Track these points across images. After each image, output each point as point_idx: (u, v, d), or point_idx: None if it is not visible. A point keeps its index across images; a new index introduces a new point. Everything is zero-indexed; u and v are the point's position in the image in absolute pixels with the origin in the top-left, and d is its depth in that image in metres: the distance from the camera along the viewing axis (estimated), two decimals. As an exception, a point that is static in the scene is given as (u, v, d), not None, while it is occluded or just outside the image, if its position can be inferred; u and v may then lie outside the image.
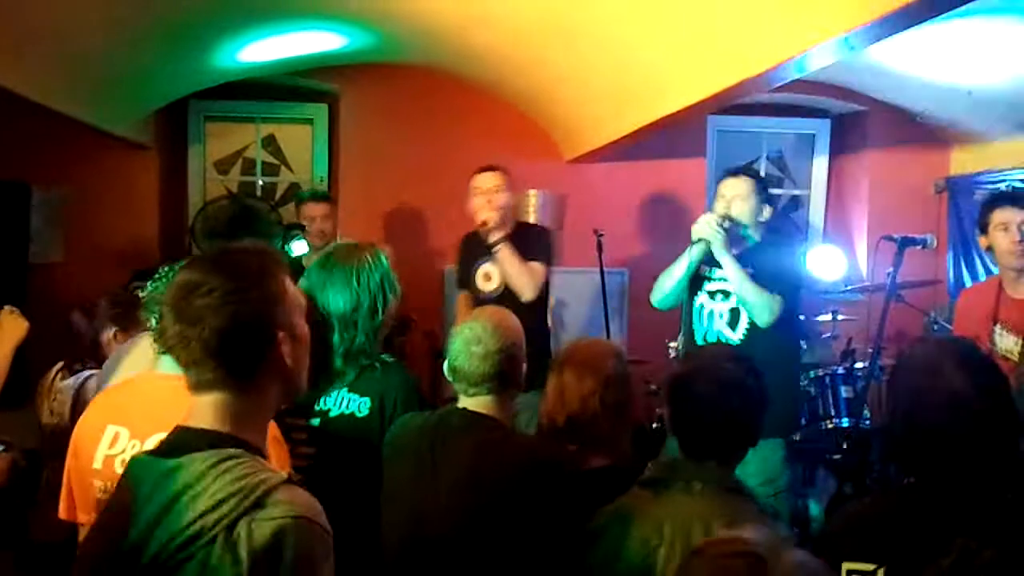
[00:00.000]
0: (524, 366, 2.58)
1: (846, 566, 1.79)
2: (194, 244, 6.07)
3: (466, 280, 4.79)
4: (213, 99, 6.35)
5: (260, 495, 1.43)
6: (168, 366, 2.18)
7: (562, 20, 4.50)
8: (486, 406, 2.48)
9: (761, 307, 3.73)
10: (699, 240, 3.87)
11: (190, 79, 5.80)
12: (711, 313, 3.97)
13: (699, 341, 3.98)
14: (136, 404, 2.20)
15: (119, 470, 2.10)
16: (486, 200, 4.49)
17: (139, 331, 2.85)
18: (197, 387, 1.56)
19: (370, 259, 2.76)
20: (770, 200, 4.02)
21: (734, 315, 3.90)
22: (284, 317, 1.58)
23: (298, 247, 5.53)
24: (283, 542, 1.39)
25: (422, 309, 5.78)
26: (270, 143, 6.81)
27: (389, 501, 2.48)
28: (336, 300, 2.66)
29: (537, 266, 4.46)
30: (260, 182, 6.79)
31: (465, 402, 2.50)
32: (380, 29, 5.23)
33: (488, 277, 4.61)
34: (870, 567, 1.76)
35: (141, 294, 2.50)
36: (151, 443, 2.09)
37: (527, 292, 4.42)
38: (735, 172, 4.02)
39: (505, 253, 4.41)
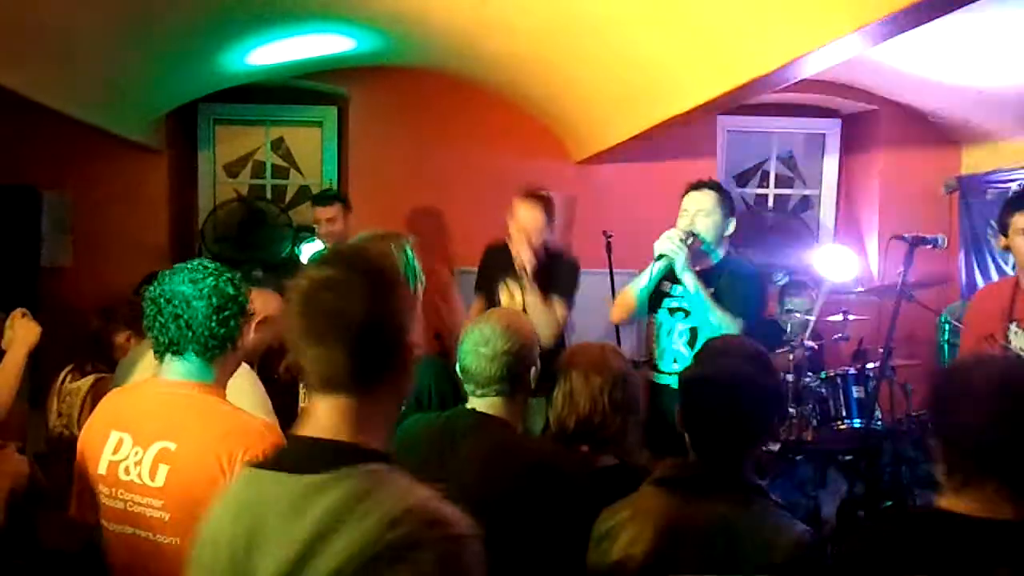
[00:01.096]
0: (535, 370, 2.57)
1: None
2: (204, 247, 6.10)
3: (486, 288, 4.63)
4: (222, 102, 6.37)
5: (431, 512, 1.38)
6: (173, 372, 2.19)
7: (570, 22, 4.49)
8: (495, 407, 2.47)
9: (719, 328, 3.65)
10: (661, 256, 3.78)
11: (199, 82, 5.82)
12: (671, 331, 3.93)
13: (658, 358, 3.96)
14: (139, 410, 2.20)
15: (123, 477, 2.10)
16: (526, 238, 4.34)
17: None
18: (325, 387, 1.49)
19: (395, 248, 2.78)
20: (734, 213, 3.94)
21: (693, 334, 3.84)
22: (409, 321, 1.55)
23: (308, 249, 5.55)
24: (460, 561, 1.36)
25: (432, 310, 5.78)
26: (280, 146, 6.83)
27: None
28: None
29: (559, 306, 4.34)
30: (270, 185, 6.80)
31: (474, 403, 2.50)
32: (389, 32, 5.23)
33: (512, 295, 4.48)
34: None
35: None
36: (153, 451, 2.10)
37: (545, 334, 4.01)
38: (698, 186, 3.95)
39: (534, 302, 4.29)
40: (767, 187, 7.21)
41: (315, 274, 1.50)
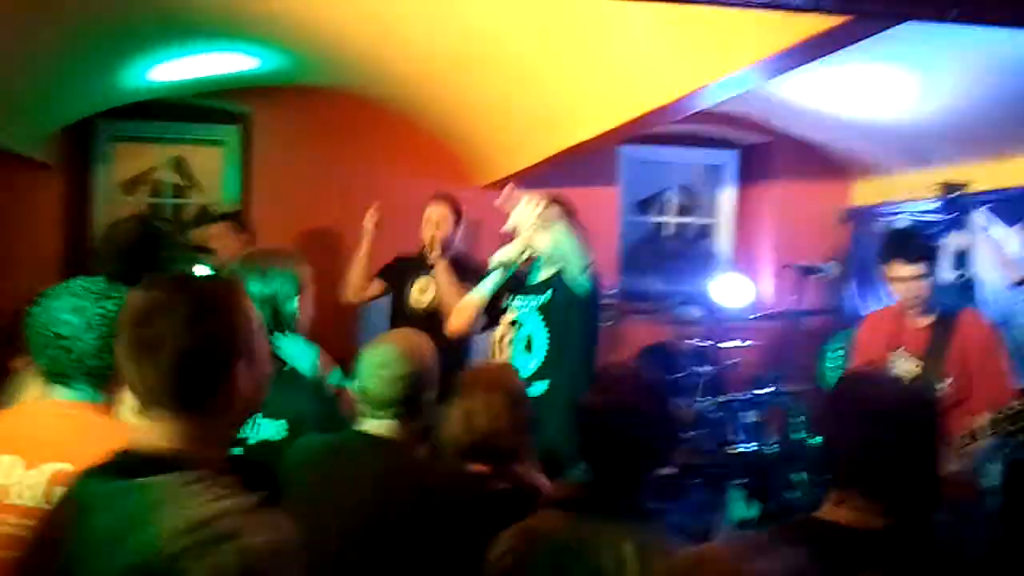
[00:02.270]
0: (432, 393, 2.57)
1: None
2: (98, 266, 5.93)
3: (390, 280, 5.12)
4: (121, 119, 6.22)
5: (235, 520, 1.39)
6: (62, 394, 2.13)
7: (476, 48, 4.54)
8: (389, 429, 2.47)
9: (552, 339, 3.80)
10: (497, 267, 3.95)
11: (97, 98, 5.69)
12: (509, 341, 4.00)
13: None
14: (28, 432, 2.13)
15: (16, 501, 2.03)
16: (434, 225, 4.84)
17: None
18: (149, 409, 1.53)
19: (276, 266, 2.78)
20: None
21: (528, 343, 3.92)
22: (243, 342, 1.58)
23: (203, 270, 5.45)
24: (258, 568, 1.37)
25: (334, 333, 5.72)
26: (180, 165, 6.70)
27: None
28: None
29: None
30: (169, 205, 6.67)
31: (368, 424, 2.49)
32: (294, 51, 5.20)
33: (423, 290, 4.78)
34: None
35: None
36: (47, 473, 2.04)
37: (456, 318, 4.33)
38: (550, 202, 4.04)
39: (441, 271, 4.68)
40: (667, 215, 7.36)
41: (138, 299, 1.53)
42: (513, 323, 3.98)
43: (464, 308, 4.13)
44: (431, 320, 4.68)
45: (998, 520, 4.34)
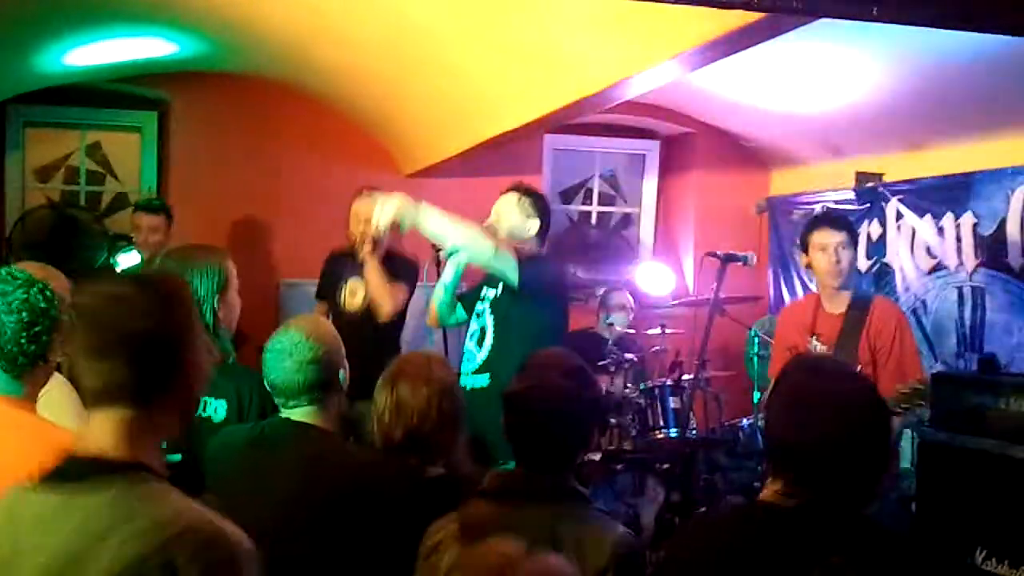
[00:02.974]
0: (344, 372, 2.56)
1: None
2: (11, 255, 5.77)
3: (327, 294, 5.01)
4: (35, 104, 6.05)
5: (212, 520, 1.40)
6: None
7: (401, 36, 4.52)
8: (310, 416, 2.46)
9: (511, 324, 3.78)
10: (452, 252, 3.94)
11: (9, 82, 5.52)
12: (469, 333, 4.03)
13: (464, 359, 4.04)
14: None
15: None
16: (363, 227, 4.61)
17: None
18: (98, 399, 1.50)
19: (203, 263, 2.75)
20: (541, 216, 4.00)
21: (482, 333, 3.92)
22: (195, 341, 1.60)
23: (125, 259, 5.34)
24: (244, 566, 1.40)
25: (256, 323, 5.65)
26: (96, 151, 6.54)
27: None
28: None
29: (400, 287, 4.70)
30: (84, 191, 6.51)
31: (288, 413, 2.48)
32: (214, 37, 5.12)
33: (354, 292, 4.79)
34: None
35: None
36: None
37: (385, 306, 4.63)
38: (507, 189, 4.07)
39: (372, 266, 4.61)
40: (590, 204, 7.42)
41: (98, 289, 1.54)
42: (479, 314, 3.99)
43: (433, 299, 4.16)
44: (365, 321, 4.68)
45: (911, 501, 4.49)
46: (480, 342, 3.90)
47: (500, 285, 3.87)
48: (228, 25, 4.81)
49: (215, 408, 2.64)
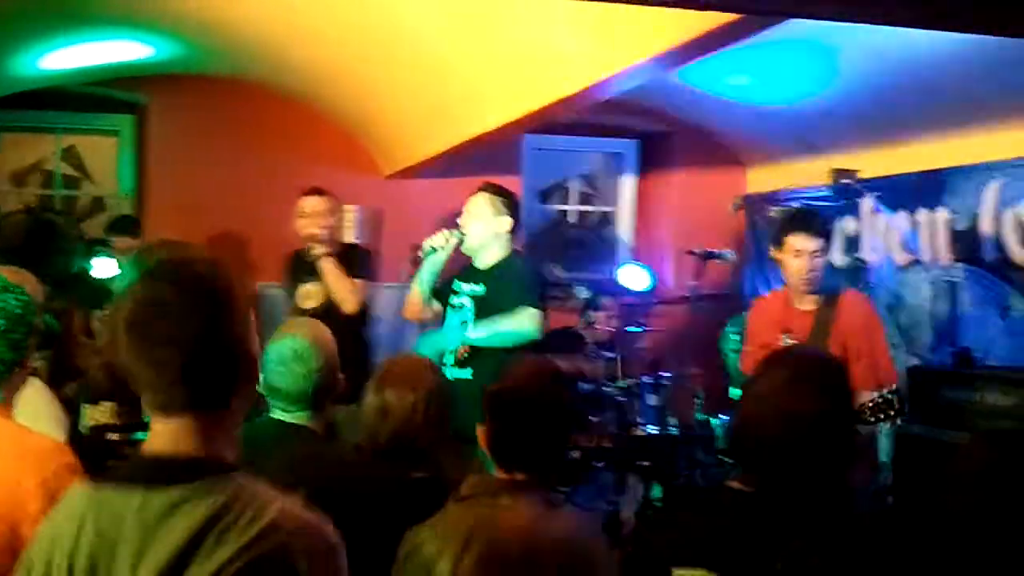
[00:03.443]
0: (341, 375, 2.58)
1: (676, 572, 1.85)
2: (-13, 260, 5.73)
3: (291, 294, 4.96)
4: (10, 108, 6.00)
5: (297, 522, 1.37)
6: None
7: (381, 38, 4.52)
8: (303, 419, 2.47)
9: (519, 333, 3.85)
10: (428, 252, 4.08)
11: (-16, 86, 5.49)
12: (454, 324, 4.10)
13: (448, 351, 4.09)
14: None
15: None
16: (311, 221, 4.71)
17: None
18: (165, 410, 1.42)
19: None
20: (512, 213, 4.12)
21: (463, 328, 4.03)
22: (248, 330, 1.49)
23: (100, 264, 5.31)
24: (332, 567, 1.38)
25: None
26: (72, 155, 6.50)
27: None
28: None
29: (358, 282, 4.68)
30: (60, 196, 6.47)
31: (281, 416, 2.48)
32: (190, 39, 5.10)
33: (308, 295, 4.73)
34: (700, 572, 1.84)
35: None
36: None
37: (348, 304, 4.62)
38: (478, 189, 4.17)
39: (328, 266, 4.60)
40: (569, 204, 7.44)
41: (142, 296, 1.41)
42: (460, 307, 4.06)
43: (412, 294, 4.22)
44: (324, 321, 4.66)
45: (887, 493, 4.53)
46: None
47: (483, 282, 3.92)
48: (204, 27, 4.80)
49: None
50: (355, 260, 4.76)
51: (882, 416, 3.53)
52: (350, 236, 5.79)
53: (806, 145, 6.13)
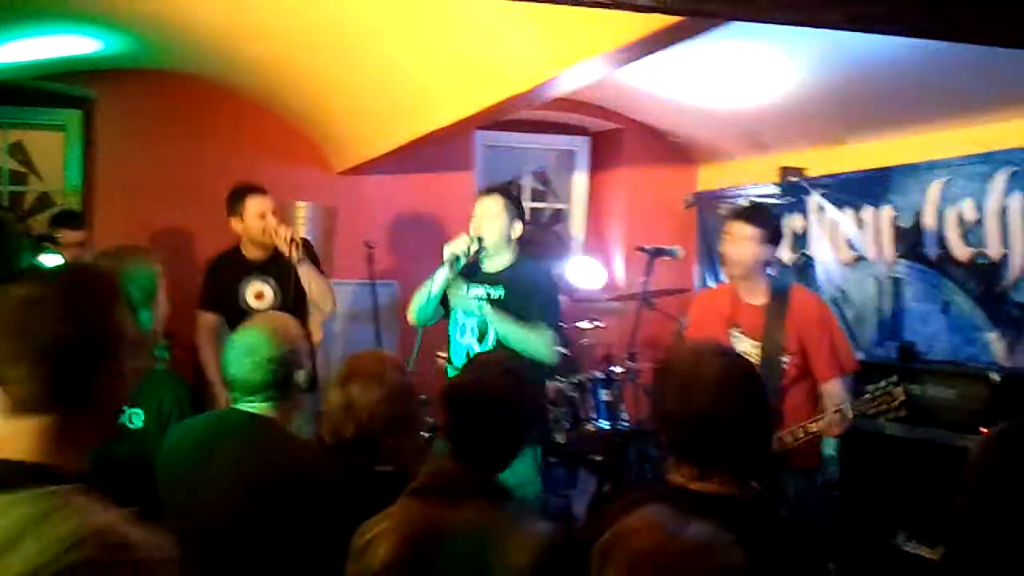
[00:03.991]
0: (304, 372, 2.59)
1: None
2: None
3: (220, 303, 4.78)
4: (-48, 103, 5.92)
5: (124, 531, 1.36)
6: None
7: (332, 34, 4.51)
8: (264, 411, 2.48)
9: (535, 348, 3.89)
10: (450, 259, 3.95)
11: (-74, 80, 5.40)
12: (463, 327, 4.10)
13: (453, 355, 4.14)
14: None
15: None
16: (276, 220, 4.62)
17: None
18: (19, 406, 1.44)
19: (130, 264, 2.74)
20: (522, 217, 4.13)
21: (482, 329, 4.03)
22: (119, 345, 1.51)
23: (47, 260, 5.24)
24: None
25: (182, 323, 5.60)
26: (18, 151, 6.41)
27: (169, 508, 2.44)
28: None
29: (326, 278, 4.72)
30: (7, 192, 6.37)
31: (243, 406, 2.50)
32: (138, 34, 5.05)
33: (260, 296, 4.65)
34: None
35: None
36: None
37: (327, 303, 4.66)
38: (487, 191, 4.15)
39: (309, 271, 4.55)
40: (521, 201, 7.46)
41: (14, 292, 1.46)
42: (467, 312, 4.04)
43: (418, 298, 4.10)
44: None
45: (836, 487, 4.62)
46: (481, 339, 4.01)
47: (500, 285, 3.97)
48: (153, 21, 4.75)
49: (130, 416, 2.64)
50: (314, 258, 4.73)
51: (884, 408, 3.59)
52: (302, 232, 5.76)
53: (755, 143, 6.22)
